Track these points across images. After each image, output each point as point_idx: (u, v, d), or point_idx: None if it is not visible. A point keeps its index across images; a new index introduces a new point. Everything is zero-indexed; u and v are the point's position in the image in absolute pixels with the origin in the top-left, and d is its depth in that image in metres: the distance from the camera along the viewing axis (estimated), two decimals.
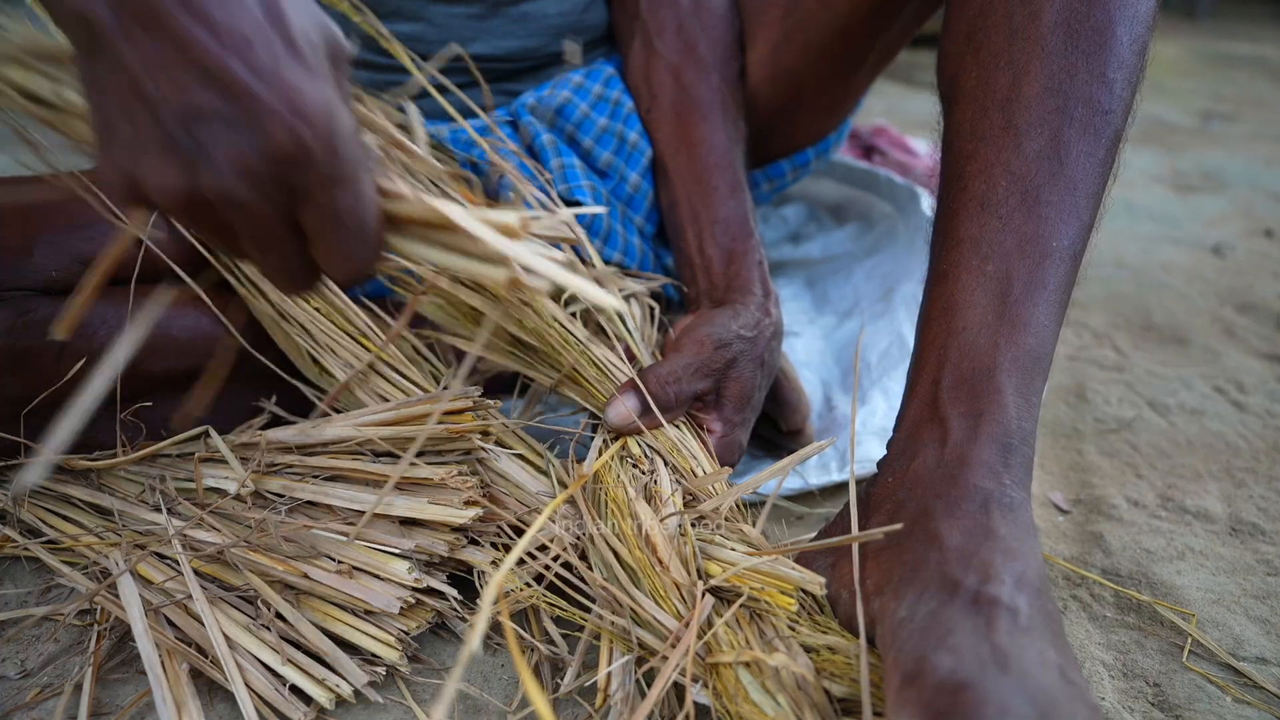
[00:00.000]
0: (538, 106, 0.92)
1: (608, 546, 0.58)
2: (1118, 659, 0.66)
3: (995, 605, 0.46)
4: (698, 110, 0.87)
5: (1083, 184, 0.60)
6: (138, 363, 0.69)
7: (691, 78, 0.88)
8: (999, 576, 0.47)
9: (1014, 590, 0.47)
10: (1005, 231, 0.59)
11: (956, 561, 0.49)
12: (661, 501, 0.60)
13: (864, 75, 0.95)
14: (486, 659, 0.64)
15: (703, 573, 0.57)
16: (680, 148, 0.88)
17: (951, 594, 0.47)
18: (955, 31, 0.67)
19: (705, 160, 0.86)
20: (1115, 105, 0.61)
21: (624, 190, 0.92)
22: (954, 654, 0.43)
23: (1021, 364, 0.57)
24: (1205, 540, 0.79)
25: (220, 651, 0.58)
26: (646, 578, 0.56)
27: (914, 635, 0.46)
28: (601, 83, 0.94)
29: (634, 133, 0.92)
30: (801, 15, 0.88)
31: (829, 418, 0.90)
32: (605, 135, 0.91)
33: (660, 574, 0.56)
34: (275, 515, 0.65)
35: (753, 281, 0.79)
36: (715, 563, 0.57)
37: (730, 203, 0.84)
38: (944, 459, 0.55)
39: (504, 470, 0.68)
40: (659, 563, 0.56)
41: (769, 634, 0.53)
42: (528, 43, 0.93)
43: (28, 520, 0.69)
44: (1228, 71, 3.23)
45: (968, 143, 0.63)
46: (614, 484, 0.62)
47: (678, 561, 0.56)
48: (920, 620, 0.47)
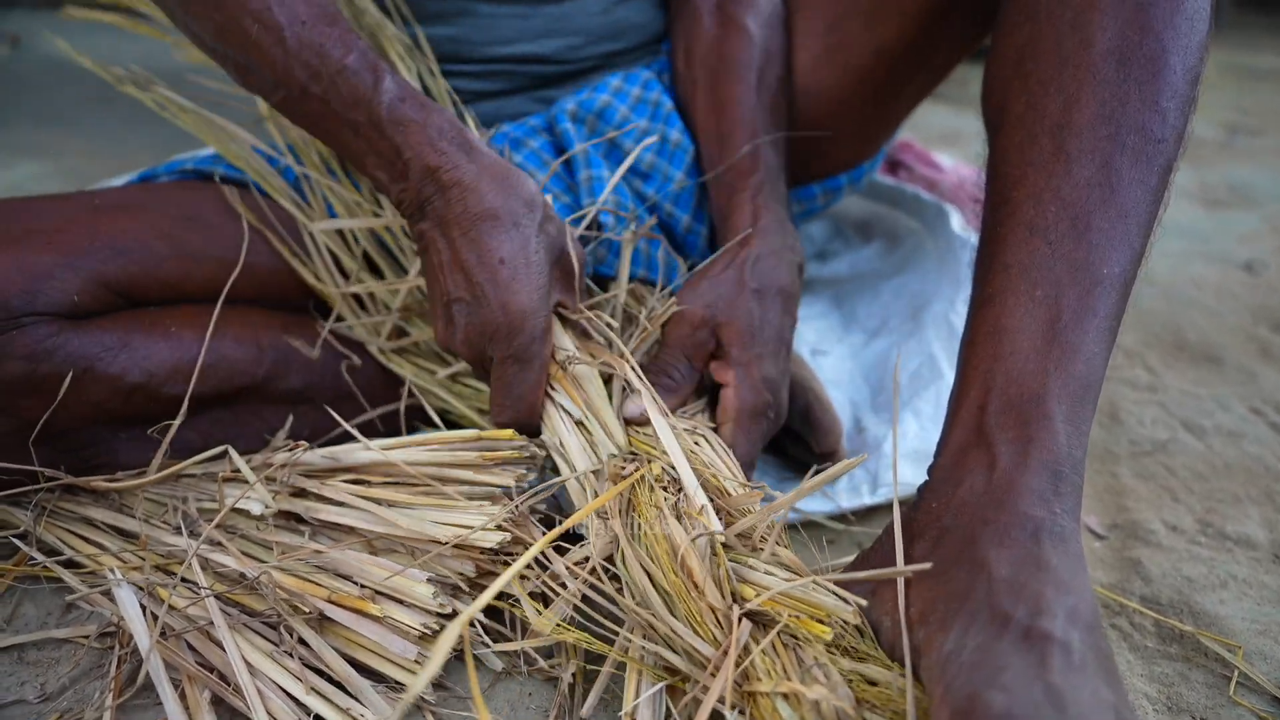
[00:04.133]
0: (578, 111, 0.91)
1: (641, 569, 0.57)
2: (1162, 692, 0.64)
3: (1048, 641, 0.44)
4: (733, 72, 0.87)
5: (1134, 212, 0.59)
6: (158, 385, 0.68)
7: (731, 46, 0.88)
8: (1051, 610, 0.45)
9: (1067, 625, 0.45)
10: (1055, 257, 0.58)
11: (1006, 593, 0.47)
12: (691, 520, 0.58)
13: (905, 102, 0.94)
14: (513, 687, 0.62)
15: (737, 596, 0.55)
16: (711, 111, 0.88)
17: (1002, 628, 0.45)
18: (1004, 58, 0.66)
19: (731, 118, 0.85)
20: (1168, 134, 0.59)
21: (667, 190, 0.91)
22: (1007, 693, 0.42)
23: (1071, 391, 0.55)
24: (1248, 568, 0.77)
25: (242, 679, 0.57)
26: (682, 602, 0.54)
27: (963, 670, 0.44)
28: (640, 85, 0.94)
29: (675, 131, 0.91)
30: (843, 35, 0.87)
31: (859, 439, 0.88)
32: (645, 137, 0.90)
33: (695, 598, 0.54)
34: (299, 538, 0.64)
35: (739, 219, 0.80)
36: (749, 586, 0.55)
37: (745, 149, 0.83)
38: (992, 485, 0.53)
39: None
40: (694, 586, 0.54)
41: (807, 661, 0.51)
42: (569, 41, 0.92)
43: (48, 541, 0.69)
44: (1251, 84, 3.20)
45: (1016, 168, 0.62)
46: (645, 503, 0.60)
47: (712, 584, 0.54)
48: (969, 655, 0.45)
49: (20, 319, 0.64)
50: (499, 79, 0.91)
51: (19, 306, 0.64)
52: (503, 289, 0.66)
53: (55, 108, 2.06)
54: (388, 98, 0.66)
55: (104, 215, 0.72)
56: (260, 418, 0.74)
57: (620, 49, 0.96)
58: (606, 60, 0.95)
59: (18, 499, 0.71)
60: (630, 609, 0.56)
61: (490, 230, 0.66)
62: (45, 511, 0.70)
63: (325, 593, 0.60)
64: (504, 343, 0.66)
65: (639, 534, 0.59)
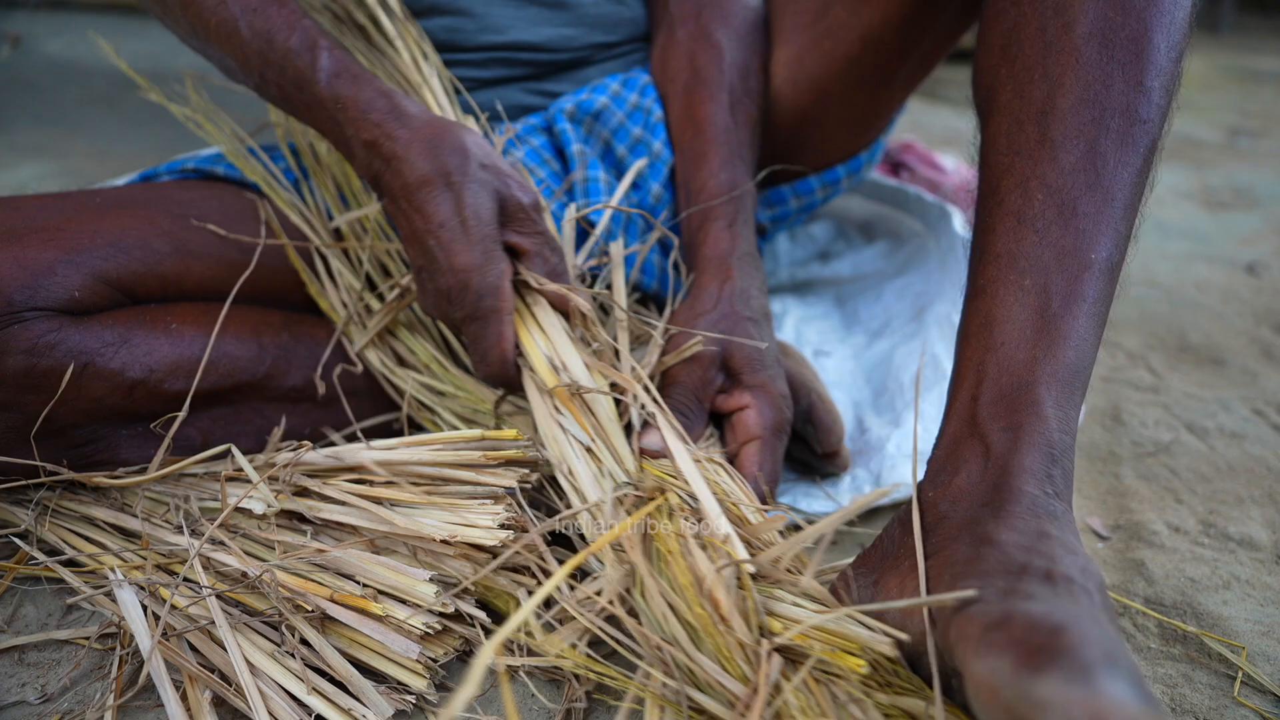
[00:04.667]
0: (575, 112, 0.92)
1: (664, 601, 0.54)
2: (1166, 693, 0.64)
3: (1070, 582, 0.44)
4: (706, 90, 0.88)
5: (1120, 195, 0.59)
6: (158, 381, 0.68)
7: (704, 60, 0.89)
8: (1064, 564, 0.46)
9: (1083, 576, 0.45)
10: (1042, 245, 0.58)
11: (1017, 552, 0.47)
12: (715, 550, 0.56)
13: (895, 90, 0.94)
14: (515, 689, 0.62)
15: (765, 630, 0.52)
16: (686, 127, 0.89)
17: (1020, 573, 0.45)
18: (990, 44, 0.66)
19: (706, 136, 0.86)
20: (1153, 114, 0.60)
21: (647, 201, 0.91)
22: (1044, 604, 0.42)
23: (1060, 378, 0.56)
24: (1251, 569, 0.77)
25: (244, 679, 0.56)
26: (708, 636, 0.51)
27: (991, 600, 0.44)
28: (638, 91, 0.94)
29: (658, 142, 0.91)
30: (830, 23, 0.87)
31: (861, 440, 0.88)
32: (639, 145, 0.90)
33: (723, 632, 0.51)
34: (301, 538, 0.64)
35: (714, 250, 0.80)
36: (777, 619, 0.53)
37: (719, 175, 0.84)
38: (987, 471, 0.54)
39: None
40: (721, 620, 0.51)
41: (841, 698, 0.49)
42: (564, 31, 0.93)
43: (49, 540, 0.69)
44: (1253, 87, 3.20)
45: (1004, 156, 0.62)
46: (664, 533, 0.58)
47: (739, 618, 0.51)
48: (993, 594, 0.44)
49: (21, 314, 0.64)
50: (494, 67, 0.92)
51: (20, 301, 0.64)
52: (446, 250, 0.67)
53: (58, 108, 2.06)
54: (324, 75, 0.69)
55: (105, 213, 0.72)
56: (262, 415, 0.74)
57: (615, 40, 0.97)
58: (601, 51, 0.96)
59: (18, 498, 0.71)
60: (651, 644, 0.53)
61: (427, 197, 0.68)
62: (46, 510, 0.70)
63: (327, 592, 0.60)
64: (459, 303, 0.68)
65: (659, 565, 0.56)
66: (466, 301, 0.68)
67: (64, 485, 0.70)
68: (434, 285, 0.69)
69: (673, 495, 0.61)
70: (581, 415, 0.68)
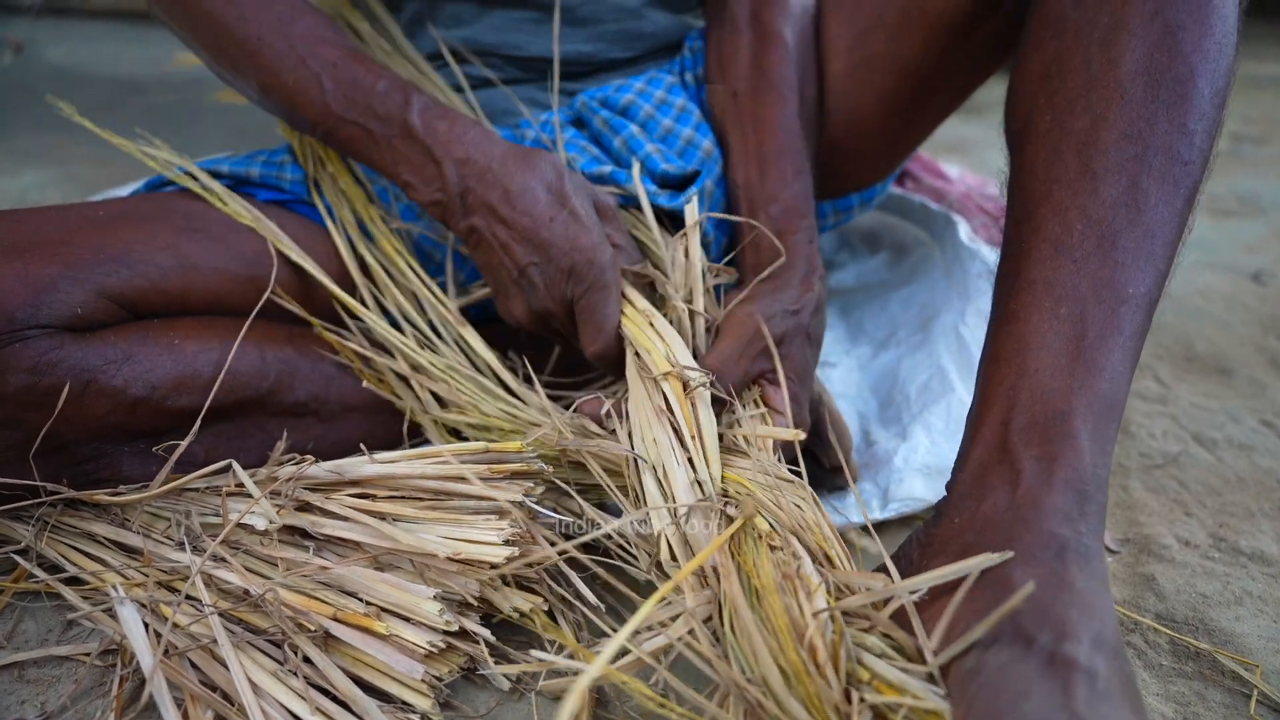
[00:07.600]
0: (604, 100, 0.92)
1: (760, 638, 0.49)
2: (1179, 712, 0.63)
3: (1072, 668, 0.43)
4: (775, 92, 0.86)
5: (1160, 232, 0.58)
6: (161, 399, 0.68)
7: (772, 60, 0.87)
8: (1076, 635, 0.45)
9: (1091, 651, 0.44)
10: (1080, 275, 0.58)
11: (1030, 614, 0.46)
12: (807, 592, 0.51)
13: (924, 124, 0.93)
14: (522, 707, 0.61)
15: (853, 679, 0.48)
16: (750, 129, 0.87)
17: (1025, 649, 0.45)
18: (1029, 73, 0.66)
19: (774, 142, 0.85)
20: (1194, 157, 0.59)
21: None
22: (1034, 703, 0.41)
23: (1096, 409, 0.55)
24: (1263, 584, 0.76)
25: (246, 699, 0.56)
26: (800, 684, 0.48)
27: (985, 691, 0.43)
28: (664, 89, 0.93)
29: (708, 141, 0.89)
30: (868, 52, 0.87)
31: (868, 453, 0.88)
32: (670, 137, 0.89)
33: (814, 679, 0.47)
34: (303, 554, 0.63)
35: (797, 258, 0.79)
36: (864, 668, 0.49)
37: (794, 186, 0.83)
38: (1015, 502, 0.53)
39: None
40: (815, 667, 0.48)
41: None
42: (583, 47, 0.93)
43: (49, 556, 0.68)
44: (1254, 94, 3.19)
45: (1041, 184, 0.62)
46: (751, 566, 0.54)
47: (831, 667, 0.48)
48: (990, 674, 0.44)
49: (24, 331, 0.63)
50: (513, 67, 0.92)
51: (23, 319, 0.63)
52: (566, 234, 0.71)
53: (60, 115, 2.06)
54: (417, 109, 0.74)
55: (109, 227, 0.71)
56: (264, 430, 0.73)
57: (634, 55, 0.96)
58: (622, 64, 0.95)
59: (19, 514, 0.70)
60: (737, 683, 0.49)
61: (532, 199, 0.72)
62: (47, 526, 0.69)
63: (330, 610, 0.59)
64: (584, 276, 0.71)
65: (751, 599, 0.53)
66: (591, 274, 0.71)
67: (65, 501, 0.70)
68: (550, 272, 0.72)
69: (762, 522, 0.57)
70: (688, 409, 0.64)
